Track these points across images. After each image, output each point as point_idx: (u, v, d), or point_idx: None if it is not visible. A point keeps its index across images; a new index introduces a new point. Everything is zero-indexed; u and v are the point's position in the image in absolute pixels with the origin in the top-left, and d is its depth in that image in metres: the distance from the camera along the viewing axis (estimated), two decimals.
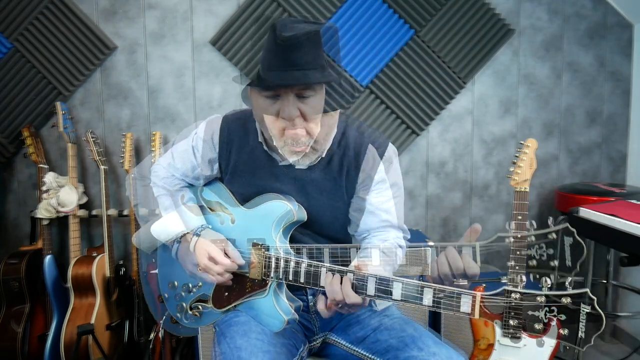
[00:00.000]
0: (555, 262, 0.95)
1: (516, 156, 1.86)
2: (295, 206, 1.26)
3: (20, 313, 2.24)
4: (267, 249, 1.23)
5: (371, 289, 1.07)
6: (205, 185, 1.42)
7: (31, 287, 2.25)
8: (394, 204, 1.34)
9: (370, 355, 1.24)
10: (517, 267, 1.80)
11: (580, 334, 0.88)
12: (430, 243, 2.19)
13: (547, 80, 2.66)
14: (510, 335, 1.82)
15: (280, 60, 1.11)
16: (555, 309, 0.89)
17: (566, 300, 0.88)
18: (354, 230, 1.37)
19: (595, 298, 0.88)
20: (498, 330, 1.85)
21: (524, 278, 0.99)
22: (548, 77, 2.66)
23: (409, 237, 1.39)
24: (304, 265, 1.16)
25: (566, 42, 2.64)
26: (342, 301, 1.10)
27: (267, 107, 1.16)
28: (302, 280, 1.16)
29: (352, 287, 1.09)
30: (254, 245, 1.25)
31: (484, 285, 1.93)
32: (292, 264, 1.18)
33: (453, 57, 2.55)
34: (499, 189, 2.71)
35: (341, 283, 1.11)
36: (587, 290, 0.88)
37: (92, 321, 2.19)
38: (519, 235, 1.02)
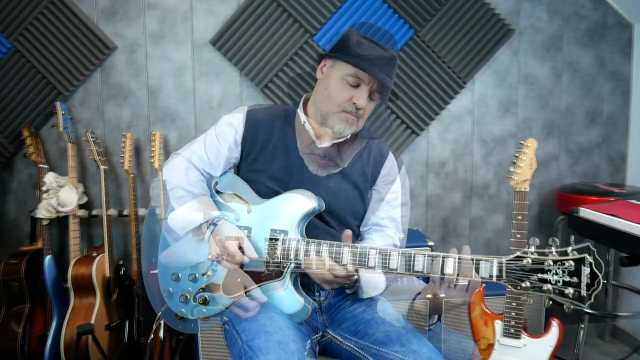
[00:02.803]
0: (570, 290, 1.01)
1: (516, 156, 1.86)
2: (312, 197, 1.33)
3: (20, 313, 2.23)
4: (285, 238, 1.29)
5: (394, 263, 1.16)
6: (220, 178, 1.46)
7: (31, 287, 2.25)
8: (396, 197, 1.51)
9: (358, 349, 1.30)
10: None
11: (583, 292, 1.00)
12: (430, 243, 2.19)
13: (547, 80, 2.66)
14: (511, 331, 1.82)
15: (375, 57, 1.33)
16: (561, 271, 1.01)
17: (568, 264, 1.01)
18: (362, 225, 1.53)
19: (593, 261, 1.01)
20: (498, 330, 1.85)
21: (537, 240, 1.08)
22: (548, 77, 2.66)
23: (401, 236, 1.54)
24: (325, 247, 1.24)
25: (566, 42, 2.64)
26: (330, 278, 1.23)
27: (344, 89, 1.35)
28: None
29: (375, 265, 1.19)
30: (271, 232, 1.31)
31: (484, 284, 1.93)
32: (313, 246, 1.25)
33: (453, 57, 2.55)
34: (499, 189, 2.71)
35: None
36: (588, 244, 1.02)
37: (92, 321, 2.19)
38: (518, 235, 1.08)
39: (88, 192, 2.52)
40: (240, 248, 1.29)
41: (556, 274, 1.01)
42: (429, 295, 1.39)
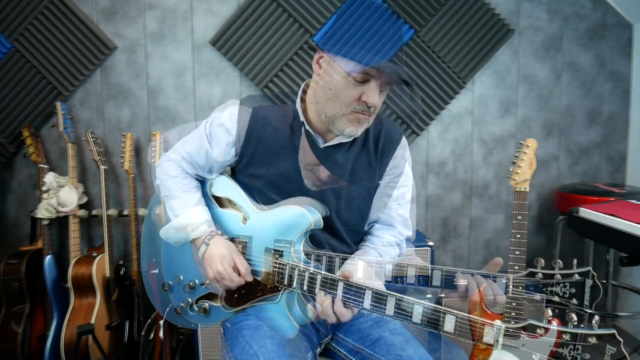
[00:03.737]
0: (575, 301, 0.99)
1: (516, 156, 1.86)
2: (314, 214, 1.21)
3: (20, 313, 2.24)
4: (281, 256, 1.20)
5: (390, 308, 1.03)
6: (215, 181, 1.38)
7: (31, 287, 2.25)
8: (404, 192, 1.38)
9: None
10: (516, 267, 1.80)
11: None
12: (430, 243, 2.19)
13: (547, 80, 2.66)
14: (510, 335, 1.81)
15: (381, 50, 1.17)
16: (580, 347, 0.89)
17: (592, 340, 0.88)
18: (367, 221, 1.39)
19: (621, 340, 0.87)
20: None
21: (549, 312, 1.00)
22: (548, 77, 2.66)
23: (410, 234, 1.40)
24: (319, 277, 1.12)
25: (566, 42, 2.64)
26: (336, 321, 1.11)
27: (351, 87, 1.18)
28: (316, 291, 1.13)
29: (370, 303, 1.06)
30: (267, 250, 1.22)
31: (484, 285, 1.93)
32: (307, 275, 1.14)
33: (453, 57, 2.55)
34: (498, 189, 2.71)
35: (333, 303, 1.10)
36: (615, 331, 0.87)
37: (92, 321, 2.19)
38: (518, 235, 1.04)
39: (88, 192, 2.52)
40: (237, 268, 1.22)
41: (564, 286, 1.00)
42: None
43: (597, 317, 0.92)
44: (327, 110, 1.23)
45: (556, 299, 1.00)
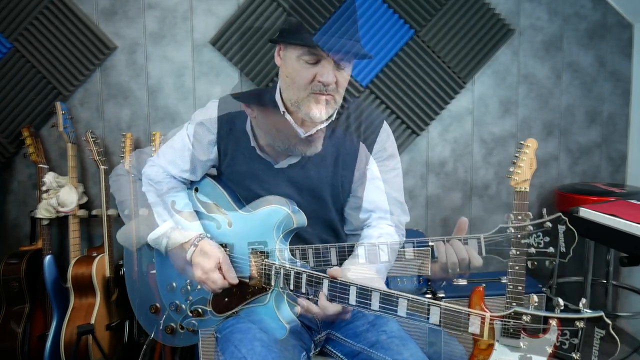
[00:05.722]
0: (552, 249, 1.01)
1: (516, 156, 1.86)
2: (296, 211, 1.23)
3: (20, 313, 2.23)
4: (267, 257, 1.21)
5: (375, 304, 1.04)
6: (200, 185, 1.39)
7: (31, 287, 2.25)
8: (396, 175, 1.37)
9: None
10: (516, 267, 1.80)
11: (594, 358, 0.88)
12: (431, 243, 2.18)
13: (547, 80, 2.66)
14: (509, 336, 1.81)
15: (326, 28, 1.18)
16: (568, 333, 0.87)
17: (580, 324, 0.86)
18: (349, 228, 1.38)
19: (610, 322, 0.85)
20: (498, 330, 1.85)
21: (536, 298, 0.97)
22: (548, 77, 2.66)
23: (408, 219, 1.40)
24: (304, 276, 1.13)
25: (566, 42, 2.64)
26: (322, 315, 1.11)
27: (303, 69, 1.19)
28: (303, 290, 1.14)
29: (356, 299, 1.06)
30: (254, 252, 1.23)
31: (484, 285, 1.93)
32: (293, 274, 1.15)
33: (453, 57, 2.55)
34: (499, 189, 2.71)
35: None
36: (602, 314, 0.85)
37: (92, 321, 2.19)
38: (519, 235, 1.04)
39: (88, 192, 2.52)
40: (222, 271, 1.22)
41: (537, 236, 1.01)
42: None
43: (584, 300, 0.91)
44: (290, 96, 1.23)
45: (532, 250, 1.02)
